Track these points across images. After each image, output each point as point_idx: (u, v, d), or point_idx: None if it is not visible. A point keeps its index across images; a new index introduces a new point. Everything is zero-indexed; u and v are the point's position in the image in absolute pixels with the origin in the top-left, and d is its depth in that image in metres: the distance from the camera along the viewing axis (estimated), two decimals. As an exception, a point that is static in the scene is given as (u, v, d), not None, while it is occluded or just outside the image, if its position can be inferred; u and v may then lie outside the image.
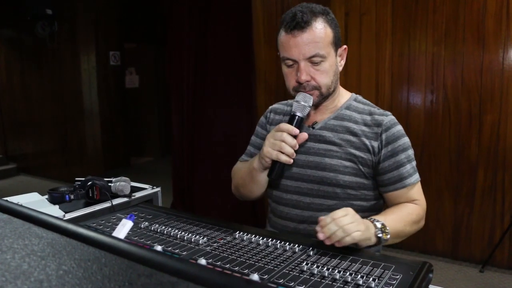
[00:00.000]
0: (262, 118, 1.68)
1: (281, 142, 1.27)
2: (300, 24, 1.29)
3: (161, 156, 8.05)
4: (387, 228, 1.21)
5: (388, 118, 1.41)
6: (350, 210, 1.15)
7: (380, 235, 1.19)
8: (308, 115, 1.47)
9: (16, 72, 6.81)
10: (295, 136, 1.29)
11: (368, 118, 1.43)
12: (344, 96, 1.51)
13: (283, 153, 1.27)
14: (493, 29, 2.95)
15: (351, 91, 1.54)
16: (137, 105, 7.97)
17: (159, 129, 8.17)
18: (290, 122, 1.31)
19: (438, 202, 3.28)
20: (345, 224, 1.10)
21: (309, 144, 1.44)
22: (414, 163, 1.41)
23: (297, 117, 1.31)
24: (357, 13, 3.39)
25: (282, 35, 1.35)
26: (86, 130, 6.06)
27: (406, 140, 1.41)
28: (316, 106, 1.44)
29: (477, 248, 3.18)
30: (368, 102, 1.51)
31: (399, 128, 1.41)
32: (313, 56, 1.31)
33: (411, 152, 1.41)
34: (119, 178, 1.71)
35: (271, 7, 3.77)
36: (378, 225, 1.20)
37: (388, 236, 1.21)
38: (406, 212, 1.35)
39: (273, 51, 3.66)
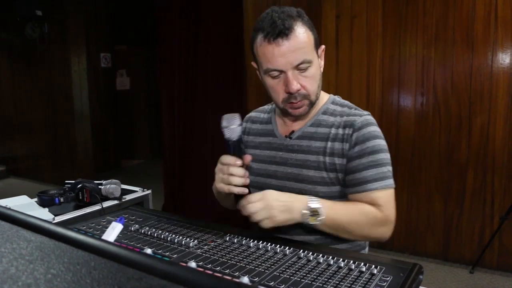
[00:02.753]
0: None
1: (229, 176, 1.20)
2: (283, 32, 1.21)
3: (152, 159, 8.02)
4: (320, 214, 1.18)
5: (362, 118, 1.33)
6: (267, 194, 1.18)
7: (307, 219, 1.18)
8: (285, 124, 1.45)
9: (6, 74, 6.75)
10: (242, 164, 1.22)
11: (342, 120, 1.35)
12: (322, 99, 1.43)
13: (235, 185, 1.20)
14: (482, 33, 2.98)
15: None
16: (128, 107, 7.93)
17: (150, 132, 8.14)
18: (228, 150, 1.23)
19: (428, 203, 3.30)
20: (254, 210, 1.15)
21: (287, 155, 1.40)
22: (385, 168, 1.29)
23: (230, 143, 1.21)
24: (348, 16, 3.41)
25: (263, 46, 1.26)
26: (76, 132, 6.02)
27: (377, 142, 1.31)
28: (296, 118, 1.40)
29: (467, 249, 3.21)
30: (346, 103, 1.43)
31: (372, 129, 1.32)
32: (301, 63, 1.24)
33: (382, 156, 1.30)
34: (109, 180, 1.70)
35: (262, 10, 3.75)
36: (312, 205, 1.18)
37: (317, 223, 1.18)
38: (359, 210, 1.25)
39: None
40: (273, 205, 1.16)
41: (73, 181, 1.69)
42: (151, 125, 8.12)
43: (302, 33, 1.24)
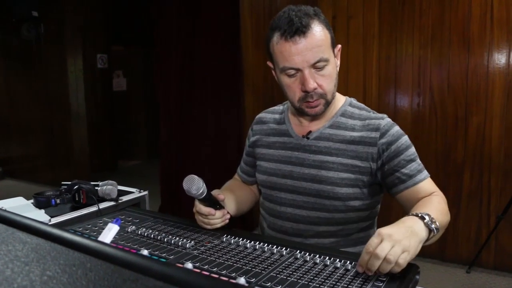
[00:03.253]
0: (249, 132, 1.63)
1: (210, 220, 1.32)
2: (300, 29, 1.20)
3: (149, 159, 8.01)
4: (433, 217, 1.08)
5: (385, 121, 1.36)
6: (383, 232, 0.97)
7: (432, 225, 1.06)
8: (301, 124, 1.44)
9: (1, 75, 6.72)
10: (217, 203, 1.33)
11: (364, 123, 1.37)
12: (339, 101, 1.44)
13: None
14: (478, 33, 2.99)
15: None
16: (125, 108, 7.92)
17: (147, 132, 8.12)
18: (202, 202, 1.32)
19: (425, 204, 3.30)
20: (386, 253, 0.93)
21: (304, 155, 1.39)
22: (419, 160, 1.35)
23: (199, 199, 1.31)
24: (344, 16, 3.42)
25: (280, 44, 1.25)
26: (73, 133, 5.99)
27: (406, 138, 1.35)
28: (313, 118, 1.40)
29: (463, 249, 3.22)
30: (363, 106, 1.46)
31: (397, 128, 1.35)
32: (318, 62, 1.24)
33: (414, 150, 1.35)
34: (106, 181, 1.70)
35: (258, 11, 3.78)
36: (425, 216, 1.06)
37: (438, 224, 1.08)
38: (436, 201, 1.24)
39: (261, 54, 3.67)
40: (398, 236, 0.97)
41: (70, 182, 1.69)
42: (148, 125, 8.11)
43: (319, 31, 1.24)
